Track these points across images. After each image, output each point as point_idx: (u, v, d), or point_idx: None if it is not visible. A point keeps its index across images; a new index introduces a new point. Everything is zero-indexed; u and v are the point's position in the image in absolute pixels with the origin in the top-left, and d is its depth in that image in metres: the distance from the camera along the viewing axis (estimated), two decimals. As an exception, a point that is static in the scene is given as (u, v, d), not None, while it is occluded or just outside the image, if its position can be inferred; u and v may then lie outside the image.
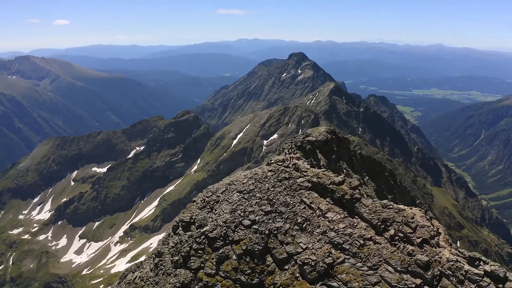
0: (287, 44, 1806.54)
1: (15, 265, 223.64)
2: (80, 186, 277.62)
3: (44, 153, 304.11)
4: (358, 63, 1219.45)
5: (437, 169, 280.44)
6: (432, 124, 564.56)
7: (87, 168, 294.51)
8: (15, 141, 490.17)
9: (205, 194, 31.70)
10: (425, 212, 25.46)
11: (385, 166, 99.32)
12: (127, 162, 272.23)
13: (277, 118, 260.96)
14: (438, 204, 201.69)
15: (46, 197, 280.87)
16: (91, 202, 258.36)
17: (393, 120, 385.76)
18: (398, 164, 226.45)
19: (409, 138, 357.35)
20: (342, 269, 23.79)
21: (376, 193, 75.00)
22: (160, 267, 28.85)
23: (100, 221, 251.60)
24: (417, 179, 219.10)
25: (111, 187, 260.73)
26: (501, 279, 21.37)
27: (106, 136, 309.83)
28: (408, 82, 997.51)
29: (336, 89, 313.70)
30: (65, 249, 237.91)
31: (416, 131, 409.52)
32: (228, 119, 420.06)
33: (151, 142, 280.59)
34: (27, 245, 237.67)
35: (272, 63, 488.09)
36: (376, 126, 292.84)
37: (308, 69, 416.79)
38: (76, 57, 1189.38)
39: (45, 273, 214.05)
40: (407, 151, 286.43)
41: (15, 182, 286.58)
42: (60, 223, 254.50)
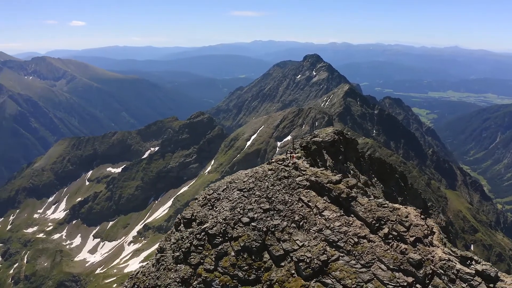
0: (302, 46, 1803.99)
1: (29, 264, 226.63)
2: (95, 186, 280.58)
3: (60, 153, 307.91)
4: (373, 65, 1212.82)
5: (452, 172, 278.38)
6: (448, 127, 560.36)
7: (102, 168, 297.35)
8: (31, 141, 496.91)
9: (207, 192, 32.39)
10: (421, 212, 25.70)
11: (396, 168, 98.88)
12: (141, 162, 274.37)
13: (291, 119, 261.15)
14: (452, 208, 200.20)
15: (61, 197, 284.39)
16: (106, 202, 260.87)
17: (408, 122, 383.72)
18: (412, 166, 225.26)
19: (424, 141, 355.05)
20: (336, 266, 24.17)
21: (385, 194, 75.00)
22: (162, 263, 29.54)
23: (114, 220, 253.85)
24: (431, 182, 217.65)
25: (126, 187, 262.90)
26: (492, 279, 21.54)
27: (121, 137, 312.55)
28: (424, 84, 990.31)
29: (351, 91, 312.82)
30: (79, 248, 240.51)
31: (431, 134, 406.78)
32: (243, 120, 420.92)
33: (165, 143, 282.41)
34: (42, 243, 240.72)
35: (287, 64, 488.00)
36: (391, 129, 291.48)
37: (323, 70, 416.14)
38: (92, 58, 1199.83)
39: (59, 272, 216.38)
40: (422, 154, 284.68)
41: (31, 181, 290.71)
42: (75, 222, 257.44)
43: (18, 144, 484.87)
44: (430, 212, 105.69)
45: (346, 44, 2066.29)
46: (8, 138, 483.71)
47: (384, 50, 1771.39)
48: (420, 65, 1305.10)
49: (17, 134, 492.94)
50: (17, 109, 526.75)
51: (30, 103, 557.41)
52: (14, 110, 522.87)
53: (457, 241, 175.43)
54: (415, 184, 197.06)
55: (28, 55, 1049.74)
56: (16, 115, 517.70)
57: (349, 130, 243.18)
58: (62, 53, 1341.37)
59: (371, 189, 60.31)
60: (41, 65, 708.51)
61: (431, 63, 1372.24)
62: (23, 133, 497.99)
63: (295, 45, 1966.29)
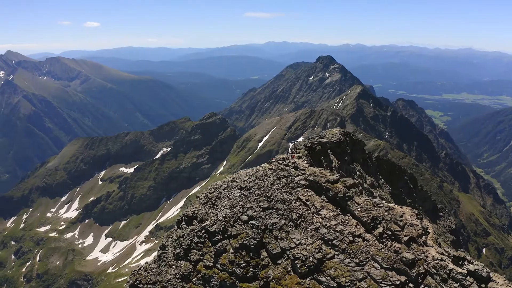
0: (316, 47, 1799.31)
1: (42, 262, 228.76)
2: (108, 186, 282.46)
3: (73, 152, 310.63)
4: (387, 67, 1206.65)
5: (465, 175, 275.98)
6: (462, 129, 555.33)
7: (114, 168, 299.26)
8: (45, 141, 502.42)
9: (208, 190, 32.94)
10: (417, 213, 25.92)
11: (405, 170, 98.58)
12: (154, 162, 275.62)
13: (303, 121, 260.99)
14: (464, 210, 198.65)
15: (74, 196, 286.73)
16: (118, 202, 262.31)
17: (422, 124, 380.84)
18: (425, 169, 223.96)
19: (437, 143, 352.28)
20: (331, 264, 24.51)
21: (392, 196, 74.99)
22: (163, 259, 30.14)
23: (126, 220, 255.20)
24: (443, 184, 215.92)
25: (138, 187, 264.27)
26: (483, 279, 21.69)
27: (134, 137, 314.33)
28: (438, 86, 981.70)
29: (364, 92, 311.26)
30: (91, 247, 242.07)
31: (445, 136, 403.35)
32: (255, 121, 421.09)
33: (178, 144, 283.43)
34: (54, 242, 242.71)
35: (300, 66, 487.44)
36: (404, 131, 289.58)
37: (336, 72, 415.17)
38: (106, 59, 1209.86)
39: (71, 271, 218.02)
40: (435, 156, 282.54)
41: (44, 180, 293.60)
42: (87, 221, 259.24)
43: (32, 143, 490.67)
44: (440, 214, 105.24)
45: (360, 46, 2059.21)
46: (22, 138, 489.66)
47: (398, 52, 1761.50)
48: (434, 67, 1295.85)
49: (31, 133, 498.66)
50: (31, 109, 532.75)
51: (44, 103, 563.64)
52: (29, 110, 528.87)
53: (469, 244, 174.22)
54: (427, 186, 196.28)
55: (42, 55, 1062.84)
56: (30, 115, 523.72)
57: (361, 132, 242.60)
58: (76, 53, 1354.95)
59: (378, 191, 60.45)
60: (56, 65, 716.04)
61: (445, 65, 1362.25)
62: (37, 133, 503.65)
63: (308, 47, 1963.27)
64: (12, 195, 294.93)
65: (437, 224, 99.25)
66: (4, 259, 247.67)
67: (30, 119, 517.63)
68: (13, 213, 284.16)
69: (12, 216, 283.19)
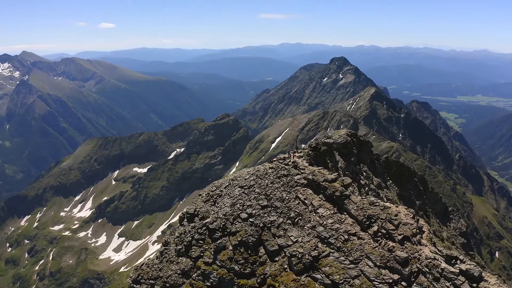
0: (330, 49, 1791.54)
1: (55, 261, 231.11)
2: (121, 186, 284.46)
3: (87, 152, 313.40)
4: (401, 68, 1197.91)
5: (479, 178, 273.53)
6: (476, 132, 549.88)
7: (128, 168, 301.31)
8: (59, 140, 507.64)
9: (210, 188, 33.58)
10: (414, 213, 26.16)
11: (415, 172, 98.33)
12: (167, 163, 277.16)
13: (316, 122, 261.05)
14: (477, 213, 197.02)
15: (88, 195, 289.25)
16: (131, 202, 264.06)
17: (436, 126, 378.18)
18: (438, 171, 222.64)
19: (451, 146, 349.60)
20: (326, 262, 24.88)
21: (401, 197, 74.98)
22: (165, 255, 30.78)
23: (139, 220, 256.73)
24: (456, 187, 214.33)
25: (151, 187, 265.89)
26: (475, 279, 21.86)
27: (147, 137, 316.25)
28: (452, 88, 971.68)
29: (377, 94, 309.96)
30: (104, 247, 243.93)
31: (459, 139, 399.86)
32: (269, 122, 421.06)
33: (191, 144, 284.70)
34: (67, 241, 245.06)
35: (313, 67, 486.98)
36: (417, 133, 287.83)
37: (350, 73, 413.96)
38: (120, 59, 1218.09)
39: (83, 269, 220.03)
40: (449, 159, 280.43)
41: (58, 180, 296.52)
42: (100, 221, 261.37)
43: (46, 143, 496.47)
44: (451, 217, 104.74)
45: (374, 47, 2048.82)
46: (37, 138, 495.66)
47: (413, 53, 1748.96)
48: (449, 69, 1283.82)
49: (46, 133, 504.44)
50: (46, 109, 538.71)
51: (59, 103, 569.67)
52: (43, 110, 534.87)
53: (481, 248, 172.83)
54: (440, 189, 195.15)
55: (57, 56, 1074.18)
56: (45, 115, 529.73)
57: (374, 133, 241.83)
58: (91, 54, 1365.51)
59: (385, 192, 60.54)
60: (70, 66, 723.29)
61: (460, 67, 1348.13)
62: (51, 133, 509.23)
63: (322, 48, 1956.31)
64: (27, 194, 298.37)
65: (447, 226, 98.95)
66: (18, 258, 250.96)
67: (45, 119, 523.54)
68: (27, 212, 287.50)
69: (26, 215, 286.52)
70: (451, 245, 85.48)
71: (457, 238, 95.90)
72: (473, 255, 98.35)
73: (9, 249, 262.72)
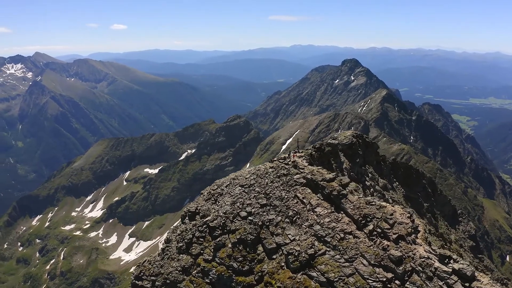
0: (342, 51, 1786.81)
1: (65, 260, 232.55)
2: (132, 186, 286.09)
3: (99, 153, 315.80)
4: (413, 70, 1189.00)
5: (490, 181, 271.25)
6: (488, 134, 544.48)
7: (139, 168, 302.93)
8: (71, 141, 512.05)
9: (212, 187, 34.12)
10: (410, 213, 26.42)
11: (424, 174, 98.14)
12: (178, 164, 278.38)
13: (326, 124, 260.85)
14: (488, 217, 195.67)
15: (99, 196, 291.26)
16: (142, 202, 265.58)
17: (448, 129, 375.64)
18: (449, 174, 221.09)
19: (463, 148, 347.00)
20: (322, 260, 25.24)
21: (409, 199, 75.02)
22: (166, 252, 31.39)
23: (150, 220, 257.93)
24: (467, 190, 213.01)
25: (162, 188, 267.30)
26: (468, 278, 22.04)
27: (159, 138, 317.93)
28: (465, 90, 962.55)
29: (389, 96, 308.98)
30: (115, 247, 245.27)
31: (471, 141, 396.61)
32: (280, 124, 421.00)
33: (202, 145, 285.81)
34: (78, 241, 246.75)
35: (325, 69, 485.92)
36: (429, 135, 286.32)
37: (361, 75, 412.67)
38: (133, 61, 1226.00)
39: (94, 269, 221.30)
40: (460, 161, 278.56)
41: (70, 180, 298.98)
42: (111, 221, 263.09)
43: (59, 143, 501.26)
44: (460, 219, 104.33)
45: (386, 49, 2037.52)
46: (50, 138, 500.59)
47: (425, 55, 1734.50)
48: (461, 71, 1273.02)
49: (58, 134, 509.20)
50: (58, 110, 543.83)
51: (71, 104, 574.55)
52: (56, 111, 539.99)
53: (492, 251, 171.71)
54: (451, 192, 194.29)
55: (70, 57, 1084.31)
56: (57, 115, 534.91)
57: (385, 136, 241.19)
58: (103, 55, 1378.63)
59: (391, 193, 60.65)
60: (83, 67, 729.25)
61: (473, 69, 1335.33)
62: (64, 133, 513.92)
63: (334, 50, 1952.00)
64: (38, 194, 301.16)
65: (456, 229, 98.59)
66: (29, 257, 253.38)
67: (57, 120, 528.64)
68: (39, 211, 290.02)
69: (38, 214, 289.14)
70: (459, 247, 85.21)
71: (466, 241, 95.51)
72: (481, 258, 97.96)
73: (21, 248, 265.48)
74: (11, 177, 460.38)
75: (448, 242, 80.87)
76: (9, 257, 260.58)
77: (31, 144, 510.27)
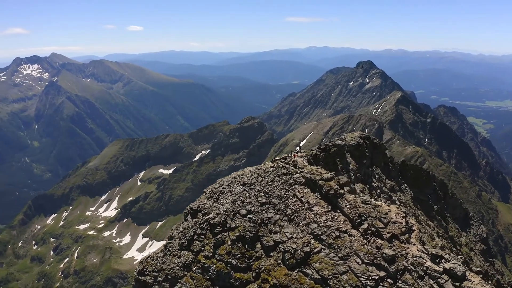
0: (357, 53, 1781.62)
1: (79, 259, 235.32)
2: (146, 186, 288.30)
3: (114, 153, 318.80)
4: (429, 73, 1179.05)
5: (505, 184, 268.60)
6: (504, 137, 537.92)
7: (153, 169, 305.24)
8: (87, 141, 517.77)
9: (214, 185, 34.88)
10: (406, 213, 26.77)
11: (434, 176, 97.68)
12: (192, 165, 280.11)
13: (340, 126, 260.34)
14: (502, 221, 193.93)
15: (113, 196, 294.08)
16: (156, 202, 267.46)
17: (463, 132, 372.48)
18: (463, 177, 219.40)
19: (478, 151, 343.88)
20: (317, 258, 25.70)
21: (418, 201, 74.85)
22: (169, 249, 32.13)
23: (163, 221, 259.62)
24: (482, 193, 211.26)
25: (176, 189, 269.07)
26: (458, 278, 22.23)
27: (173, 139, 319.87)
28: (481, 93, 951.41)
29: (403, 98, 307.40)
30: (128, 246, 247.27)
31: (487, 144, 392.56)
32: (294, 126, 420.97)
33: (216, 146, 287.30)
34: (92, 240, 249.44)
35: (340, 71, 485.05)
36: (444, 138, 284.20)
37: (376, 77, 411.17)
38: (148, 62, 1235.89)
39: (107, 268, 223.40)
40: (475, 165, 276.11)
41: (85, 179, 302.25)
42: (125, 221, 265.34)
43: (74, 143, 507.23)
44: (471, 222, 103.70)
45: (402, 51, 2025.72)
46: (65, 138, 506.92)
47: (441, 57, 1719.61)
48: (477, 73, 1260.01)
49: (74, 134, 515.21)
50: (74, 110, 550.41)
51: (87, 105, 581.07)
52: (72, 111, 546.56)
53: (506, 255, 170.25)
54: (465, 195, 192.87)
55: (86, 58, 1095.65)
56: (73, 115, 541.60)
57: (399, 138, 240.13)
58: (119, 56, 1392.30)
59: (398, 195, 60.67)
60: (99, 68, 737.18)
61: (489, 71, 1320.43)
62: (79, 133, 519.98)
63: (349, 52, 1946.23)
64: (53, 193, 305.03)
65: (467, 232, 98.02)
66: (43, 255, 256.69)
67: (73, 120, 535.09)
68: (54, 210, 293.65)
69: (53, 213, 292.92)
70: (470, 250, 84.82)
71: (477, 244, 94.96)
72: (493, 261, 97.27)
73: (35, 246, 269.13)
74: (27, 176, 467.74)
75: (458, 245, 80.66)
76: (23, 255, 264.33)
77: (47, 144, 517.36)
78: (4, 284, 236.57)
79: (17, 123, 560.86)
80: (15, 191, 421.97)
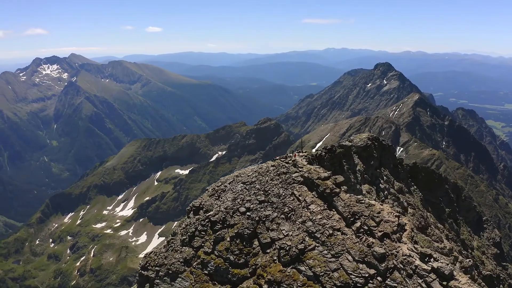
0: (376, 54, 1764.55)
1: (95, 257, 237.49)
2: (163, 186, 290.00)
3: (131, 153, 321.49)
4: (448, 75, 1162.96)
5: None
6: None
7: (170, 169, 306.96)
8: (105, 141, 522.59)
9: (216, 184, 35.73)
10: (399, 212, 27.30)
11: (447, 179, 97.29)
12: (208, 165, 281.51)
13: (357, 128, 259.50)
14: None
15: (130, 195, 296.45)
16: (172, 202, 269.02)
17: (481, 135, 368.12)
18: (480, 181, 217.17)
19: (497, 155, 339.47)
20: (311, 255, 26.34)
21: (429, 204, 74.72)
22: (171, 245, 33.09)
23: (179, 220, 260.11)
24: (499, 197, 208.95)
25: (192, 189, 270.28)
26: (446, 277, 22.72)
27: (190, 140, 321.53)
28: (500, 96, 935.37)
29: (421, 100, 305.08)
30: (144, 246, 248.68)
31: (505, 148, 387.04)
32: (311, 128, 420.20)
33: (232, 147, 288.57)
34: (109, 239, 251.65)
35: (357, 73, 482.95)
36: (461, 141, 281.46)
37: (394, 79, 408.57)
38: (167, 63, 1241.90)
39: (123, 267, 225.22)
40: (493, 168, 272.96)
41: (102, 179, 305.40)
42: (142, 220, 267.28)
43: (92, 143, 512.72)
44: (485, 226, 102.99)
45: (421, 53, 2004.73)
46: (83, 138, 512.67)
47: (461, 60, 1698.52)
48: (497, 76, 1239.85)
49: (92, 134, 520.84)
50: (93, 110, 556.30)
51: (105, 105, 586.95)
52: (90, 111, 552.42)
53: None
54: (482, 198, 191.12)
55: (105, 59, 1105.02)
56: (92, 115, 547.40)
57: (416, 140, 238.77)
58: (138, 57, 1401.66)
59: (406, 196, 60.74)
60: (118, 68, 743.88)
61: (509, 74, 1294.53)
62: (97, 133, 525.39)
63: (368, 53, 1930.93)
64: (71, 192, 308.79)
65: (480, 236, 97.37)
66: (60, 253, 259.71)
67: (91, 120, 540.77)
68: (71, 209, 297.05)
69: (70, 212, 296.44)
70: (482, 254, 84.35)
71: (490, 248, 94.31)
72: (505, 266, 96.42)
73: (52, 244, 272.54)
74: (45, 175, 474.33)
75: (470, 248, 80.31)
76: (40, 253, 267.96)
77: (65, 143, 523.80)
78: (21, 281, 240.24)
79: (36, 123, 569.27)
80: (33, 190, 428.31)
